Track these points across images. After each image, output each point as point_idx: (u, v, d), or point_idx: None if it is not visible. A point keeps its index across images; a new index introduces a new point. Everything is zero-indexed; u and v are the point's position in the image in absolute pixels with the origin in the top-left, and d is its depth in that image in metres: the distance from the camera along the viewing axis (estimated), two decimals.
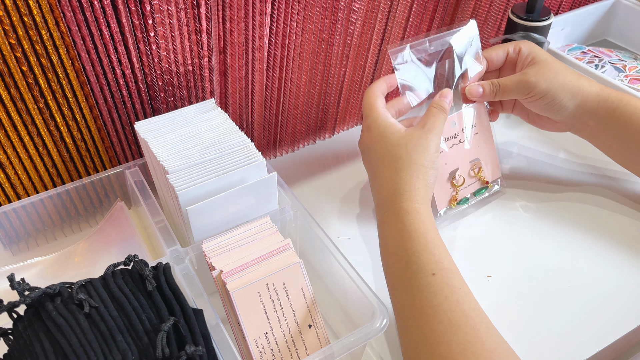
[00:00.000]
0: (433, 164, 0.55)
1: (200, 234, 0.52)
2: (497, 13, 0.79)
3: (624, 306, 0.56)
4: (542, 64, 0.61)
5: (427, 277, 0.47)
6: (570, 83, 0.60)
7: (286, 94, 0.68)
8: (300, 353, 0.48)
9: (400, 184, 0.54)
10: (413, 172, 0.54)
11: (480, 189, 0.67)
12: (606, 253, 0.61)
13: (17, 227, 0.59)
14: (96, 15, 0.51)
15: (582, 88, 0.60)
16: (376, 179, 0.57)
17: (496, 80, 0.63)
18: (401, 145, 0.55)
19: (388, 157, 0.56)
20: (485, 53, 0.64)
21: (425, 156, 0.55)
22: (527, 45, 0.63)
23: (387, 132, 0.57)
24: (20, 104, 0.54)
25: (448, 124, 0.63)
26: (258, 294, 0.46)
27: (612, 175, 0.70)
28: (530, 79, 0.60)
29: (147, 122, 0.55)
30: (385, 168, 0.56)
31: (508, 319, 0.55)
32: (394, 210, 0.53)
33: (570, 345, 0.53)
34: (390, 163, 0.55)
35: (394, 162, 0.55)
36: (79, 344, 0.40)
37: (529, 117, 0.67)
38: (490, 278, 0.59)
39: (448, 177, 0.64)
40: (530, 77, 0.60)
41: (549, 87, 0.60)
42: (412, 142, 0.55)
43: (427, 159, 0.55)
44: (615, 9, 0.92)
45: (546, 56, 0.61)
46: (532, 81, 0.60)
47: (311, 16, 0.61)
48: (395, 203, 0.53)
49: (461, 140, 0.64)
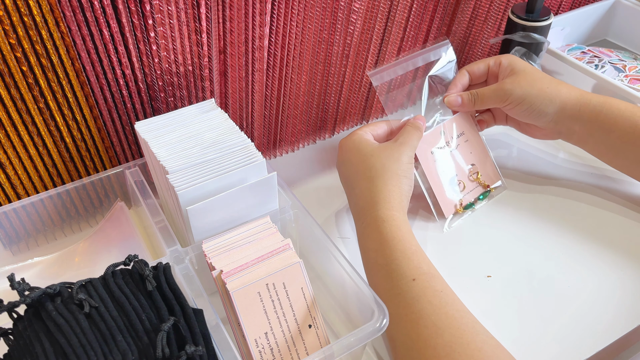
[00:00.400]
0: (406, 173, 0.58)
1: (200, 234, 0.52)
2: (497, 13, 0.79)
3: (624, 306, 0.56)
4: (519, 73, 0.63)
5: (408, 283, 0.48)
6: (548, 89, 0.62)
7: (286, 94, 0.68)
8: (300, 353, 0.48)
9: (375, 192, 0.56)
10: (387, 179, 0.56)
11: (483, 193, 0.68)
12: (606, 253, 0.61)
13: (17, 227, 0.59)
14: (96, 15, 0.51)
15: (560, 93, 0.62)
16: (352, 190, 0.59)
17: (474, 90, 0.66)
18: (374, 155, 0.58)
19: (362, 167, 0.58)
20: (467, 67, 0.68)
21: (398, 165, 0.57)
22: (508, 58, 0.66)
23: (361, 145, 0.60)
24: (20, 104, 0.54)
25: (437, 134, 0.65)
26: (258, 294, 0.46)
27: (612, 175, 0.70)
28: (506, 87, 0.63)
29: (147, 122, 0.56)
30: (359, 178, 0.58)
31: (508, 318, 0.55)
32: (371, 219, 0.54)
33: (570, 345, 0.53)
34: (365, 172, 0.57)
35: (368, 171, 0.57)
36: (79, 344, 0.40)
37: (520, 126, 0.69)
38: (490, 278, 0.59)
39: (449, 182, 0.65)
40: (507, 85, 0.63)
41: (524, 93, 0.62)
42: (385, 152, 0.58)
43: (400, 168, 0.57)
44: (615, 9, 0.92)
45: (525, 67, 0.64)
46: (507, 89, 0.63)
47: (311, 16, 0.61)
48: (371, 212, 0.54)
49: (452, 148, 0.66)
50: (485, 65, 0.67)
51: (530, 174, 0.72)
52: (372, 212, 0.54)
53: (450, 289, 0.49)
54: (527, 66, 0.64)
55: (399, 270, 0.49)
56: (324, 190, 0.70)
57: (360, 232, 0.55)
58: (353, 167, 0.59)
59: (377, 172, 0.57)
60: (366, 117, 0.80)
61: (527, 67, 0.64)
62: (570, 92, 0.62)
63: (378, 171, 0.57)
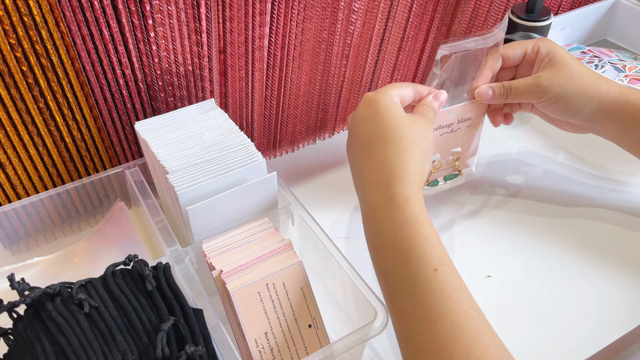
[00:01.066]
0: (431, 154, 0.53)
1: (200, 234, 0.52)
2: (497, 13, 0.79)
3: (623, 307, 0.56)
4: (558, 66, 0.58)
5: (429, 274, 0.43)
6: (587, 87, 0.58)
7: (286, 94, 0.68)
8: (300, 353, 0.48)
9: (401, 165, 0.49)
10: (416, 156, 0.50)
11: (451, 174, 0.69)
12: (606, 253, 0.61)
13: (17, 227, 0.59)
14: (96, 15, 0.51)
15: (599, 92, 0.58)
16: (370, 155, 0.51)
17: (507, 83, 0.61)
18: (406, 125, 0.51)
19: (391, 134, 0.51)
20: (502, 50, 0.62)
21: (427, 143, 0.52)
22: (546, 44, 0.60)
23: (394, 108, 0.53)
24: (20, 104, 0.54)
25: (447, 114, 0.62)
26: (258, 294, 0.46)
27: (613, 177, 0.70)
28: (543, 83, 0.58)
29: (147, 122, 0.56)
30: (385, 145, 0.50)
31: (508, 319, 0.55)
32: (392, 194, 0.48)
33: (570, 345, 0.53)
34: (392, 140, 0.50)
35: (397, 141, 0.50)
36: (79, 344, 0.40)
37: (547, 117, 0.65)
38: (490, 278, 0.59)
39: None
40: (544, 80, 0.58)
41: (562, 92, 0.58)
42: (418, 126, 0.52)
43: (428, 147, 0.52)
44: (615, 9, 0.92)
45: (564, 57, 0.59)
46: (544, 85, 0.58)
47: (311, 16, 0.61)
48: (392, 187, 0.48)
49: (453, 130, 0.65)
50: (522, 50, 0.61)
51: (530, 174, 0.72)
52: (395, 187, 0.48)
53: (465, 285, 0.44)
54: (566, 56, 0.59)
55: (421, 258, 0.44)
56: (324, 190, 0.70)
57: (373, 207, 0.48)
58: (378, 130, 0.51)
59: (407, 144, 0.50)
60: None
61: (566, 57, 0.59)
62: (610, 89, 0.58)
63: (409, 143, 0.50)
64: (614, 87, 0.58)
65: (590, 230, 0.64)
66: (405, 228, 0.46)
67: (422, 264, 0.44)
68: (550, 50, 0.60)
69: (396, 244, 0.45)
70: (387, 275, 0.45)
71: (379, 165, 0.50)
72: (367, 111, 0.53)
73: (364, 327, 0.45)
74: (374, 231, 0.48)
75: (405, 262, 0.44)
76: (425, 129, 0.53)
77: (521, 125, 0.79)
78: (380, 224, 0.47)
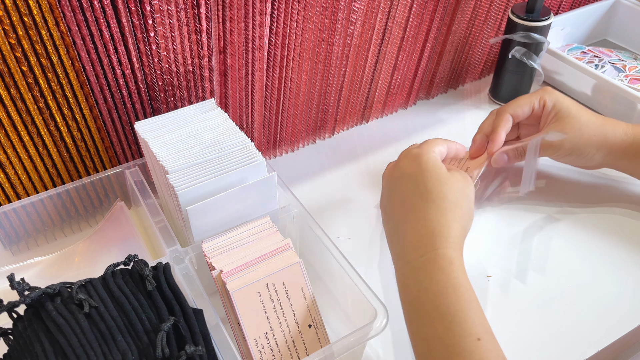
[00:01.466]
0: (473, 213, 0.53)
1: (200, 234, 0.52)
2: (497, 13, 0.79)
3: (624, 306, 0.56)
4: (565, 120, 0.60)
5: (472, 343, 0.41)
6: (594, 137, 0.60)
7: (286, 94, 0.68)
8: (300, 353, 0.47)
9: (444, 226, 0.49)
10: (459, 216, 0.50)
11: None
12: (606, 252, 0.61)
13: (17, 227, 0.59)
14: (96, 15, 0.51)
15: (607, 139, 0.61)
16: (412, 213, 0.51)
17: (520, 146, 0.63)
18: (448, 184, 0.52)
19: (434, 193, 0.51)
20: (510, 110, 0.63)
21: (470, 202, 0.52)
22: (552, 97, 0.62)
23: (437, 167, 0.53)
24: (20, 104, 0.54)
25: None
26: (258, 294, 0.46)
27: (612, 174, 0.70)
28: (554, 142, 0.61)
29: (147, 122, 0.56)
30: (427, 204, 0.50)
31: (508, 319, 0.55)
32: (433, 256, 0.47)
33: (570, 345, 0.53)
34: (435, 200, 0.50)
35: (440, 201, 0.50)
36: (79, 344, 0.40)
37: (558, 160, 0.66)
38: (490, 278, 0.59)
39: None
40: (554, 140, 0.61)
41: (572, 146, 0.61)
42: (459, 185, 0.52)
43: (471, 205, 0.53)
44: (615, 9, 0.92)
45: (570, 109, 0.61)
46: (556, 144, 0.61)
47: (311, 16, 0.61)
48: (435, 247, 0.47)
49: None
50: (530, 107, 0.63)
51: None
52: (438, 248, 0.47)
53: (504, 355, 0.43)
54: (572, 107, 0.61)
55: (465, 325, 0.42)
56: (324, 190, 0.70)
57: (415, 266, 0.47)
58: (422, 187, 0.51)
59: (450, 205, 0.50)
60: (366, 117, 0.80)
61: (572, 108, 0.61)
62: (615, 132, 0.61)
63: (451, 204, 0.50)
64: (618, 128, 0.61)
65: (590, 230, 0.64)
66: (449, 292, 0.45)
67: (465, 331, 0.42)
68: (555, 104, 0.62)
69: (439, 307, 0.44)
70: (426, 340, 0.44)
71: (420, 224, 0.50)
72: (411, 167, 0.54)
73: (364, 327, 0.45)
74: (414, 292, 0.46)
75: (447, 329, 0.43)
76: (466, 188, 0.53)
77: None
78: (422, 285, 0.46)
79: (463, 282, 0.45)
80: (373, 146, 0.76)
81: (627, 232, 0.63)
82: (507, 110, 0.63)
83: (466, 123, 0.80)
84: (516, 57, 0.76)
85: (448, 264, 0.46)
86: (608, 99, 0.77)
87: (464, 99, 0.85)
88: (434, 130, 0.79)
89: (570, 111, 0.61)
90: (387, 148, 0.76)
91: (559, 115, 0.61)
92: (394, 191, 0.54)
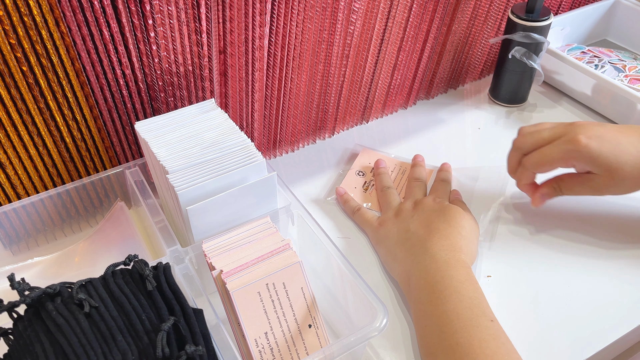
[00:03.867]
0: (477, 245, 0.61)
1: (200, 233, 0.52)
2: (497, 13, 0.79)
3: (624, 306, 0.56)
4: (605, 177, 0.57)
5: (487, 322, 0.48)
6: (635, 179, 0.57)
7: (286, 94, 0.68)
8: (300, 353, 0.48)
9: (463, 246, 0.56)
10: (472, 245, 0.58)
11: None
12: (606, 252, 0.61)
13: (17, 227, 0.59)
14: (96, 16, 0.51)
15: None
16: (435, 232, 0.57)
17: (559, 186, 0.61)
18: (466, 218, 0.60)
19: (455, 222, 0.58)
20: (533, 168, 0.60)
21: (478, 238, 0.61)
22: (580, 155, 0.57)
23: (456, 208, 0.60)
24: (21, 104, 0.54)
25: None
26: (258, 294, 0.46)
27: None
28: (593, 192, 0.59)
29: (147, 122, 0.56)
30: (450, 228, 0.58)
31: (508, 319, 0.55)
32: (458, 258, 0.54)
33: (570, 345, 0.53)
34: (456, 227, 0.58)
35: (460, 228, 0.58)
36: (79, 344, 0.40)
37: None
38: (490, 278, 0.59)
39: None
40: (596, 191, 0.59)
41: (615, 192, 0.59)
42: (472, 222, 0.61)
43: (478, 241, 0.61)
44: (615, 9, 0.92)
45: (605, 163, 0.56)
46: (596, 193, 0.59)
47: (311, 16, 0.61)
48: (458, 253, 0.55)
49: None
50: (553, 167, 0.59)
51: None
52: (461, 255, 0.55)
53: None
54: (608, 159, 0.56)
55: (482, 307, 0.50)
56: (324, 190, 0.70)
57: (440, 257, 0.54)
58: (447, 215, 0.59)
59: (467, 234, 0.58)
60: (366, 117, 0.80)
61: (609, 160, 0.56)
62: None
63: (468, 233, 0.58)
64: None
65: (590, 230, 0.64)
66: (470, 283, 0.52)
67: (482, 312, 0.49)
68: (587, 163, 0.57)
69: (460, 291, 0.50)
70: (444, 314, 0.49)
71: (444, 238, 0.56)
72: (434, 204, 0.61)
73: (364, 327, 0.45)
74: (437, 277, 0.52)
75: (467, 307, 0.49)
76: (475, 226, 0.61)
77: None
78: (446, 272, 0.52)
79: (478, 284, 0.53)
80: (373, 146, 0.76)
81: (627, 232, 0.63)
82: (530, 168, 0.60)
83: (466, 123, 0.80)
84: (516, 57, 0.76)
85: (468, 267, 0.54)
86: (608, 99, 0.77)
87: (464, 99, 0.85)
88: (434, 130, 0.79)
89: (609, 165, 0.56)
90: (387, 148, 0.76)
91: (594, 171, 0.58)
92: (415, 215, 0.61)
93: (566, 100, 0.83)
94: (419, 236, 0.57)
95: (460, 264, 0.53)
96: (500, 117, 0.81)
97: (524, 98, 0.82)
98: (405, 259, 0.56)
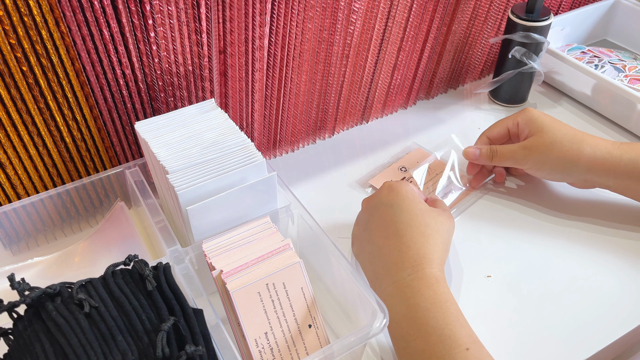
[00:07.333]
0: (450, 245, 0.56)
1: (200, 234, 0.52)
2: (497, 13, 0.79)
3: (623, 306, 0.56)
4: (537, 134, 0.62)
5: (461, 353, 0.44)
6: (568, 152, 0.61)
7: (286, 94, 0.68)
8: (300, 353, 0.48)
9: (428, 249, 0.52)
10: (440, 244, 0.53)
11: None
12: (606, 253, 0.61)
13: (17, 227, 0.59)
14: (96, 16, 0.51)
15: (583, 154, 0.60)
16: (395, 238, 0.53)
17: (495, 147, 0.65)
18: (431, 216, 0.55)
19: (417, 221, 0.54)
20: (486, 132, 0.68)
21: (449, 235, 0.56)
22: (525, 115, 0.64)
23: (417, 198, 0.56)
24: (21, 104, 0.54)
25: None
26: (258, 294, 0.46)
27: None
28: (523, 152, 0.63)
29: (147, 122, 0.56)
30: (411, 229, 0.53)
31: (508, 319, 0.55)
32: (421, 275, 0.50)
33: (570, 345, 0.53)
34: (419, 227, 0.53)
35: (423, 228, 0.53)
36: (79, 344, 0.40)
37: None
38: (490, 278, 0.59)
39: None
40: (524, 149, 0.63)
41: (543, 159, 0.62)
42: (441, 218, 0.55)
43: (450, 238, 0.56)
44: (615, 9, 0.92)
45: (543, 124, 0.62)
46: (525, 154, 0.62)
47: (311, 16, 0.61)
48: (422, 267, 0.50)
49: None
50: (504, 128, 0.66)
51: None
52: (425, 268, 0.50)
53: None
54: (545, 124, 0.62)
55: (453, 337, 0.45)
56: (324, 190, 0.70)
57: (402, 284, 0.50)
58: (405, 214, 0.54)
59: (432, 232, 0.53)
60: (366, 117, 0.80)
61: (545, 125, 0.62)
62: (596, 151, 0.60)
63: (433, 232, 0.53)
64: (600, 146, 0.61)
65: (589, 230, 0.64)
66: (437, 307, 0.47)
67: (454, 342, 0.45)
68: (529, 121, 0.63)
69: (429, 322, 0.46)
70: (417, 354, 0.46)
71: (405, 246, 0.52)
72: (390, 197, 0.56)
73: (364, 327, 0.45)
74: (402, 309, 0.48)
75: (437, 341, 0.45)
76: (446, 222, 0.56)
77: None
78: (410, 301, 0.48)
79: (449, 298, 0.48)
80: (373, 146, 0.76)
81: (627, 232, 0.63)
82: (484, 133, 0.68)
83: (466, 123, 0.80)
84: (516, 57, 0.76)
85: (434, 281, 0.49)
86: (608, 99, 0.77)
87: (463, 99, 0.85)
88: (434, 130, 0.79)
89: (544, 126, 0.62)
90: (387, 148, 0.76)
91: (532, 131, 0.63)
92: (372, 217, 0.56)
93: (566, 100, 0.84)
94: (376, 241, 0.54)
95: (424, 282, 0.49)
96: (500, 117, 0.81)
97: (523, 98, 0.82)
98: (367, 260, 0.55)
